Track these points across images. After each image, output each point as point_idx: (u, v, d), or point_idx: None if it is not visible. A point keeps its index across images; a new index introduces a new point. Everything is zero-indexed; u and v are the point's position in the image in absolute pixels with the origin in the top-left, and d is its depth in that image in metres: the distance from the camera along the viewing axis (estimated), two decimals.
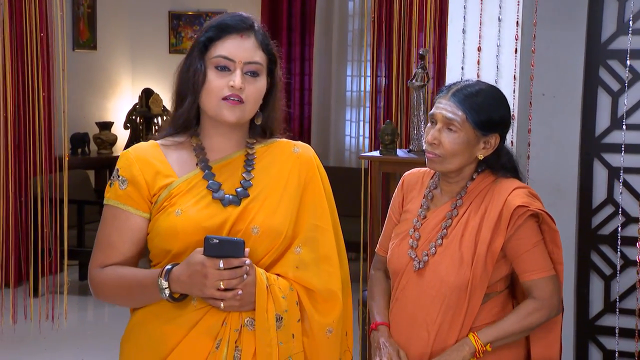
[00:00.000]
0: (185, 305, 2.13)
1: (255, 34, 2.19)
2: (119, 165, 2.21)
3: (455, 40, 3.20)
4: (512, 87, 3.14)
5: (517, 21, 3.10)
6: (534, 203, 2.57)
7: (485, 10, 3.14)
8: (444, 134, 2.56)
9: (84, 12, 8.40)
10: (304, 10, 8.17)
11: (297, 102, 8.25)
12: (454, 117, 2.54)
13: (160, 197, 2.16)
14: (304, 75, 8.24)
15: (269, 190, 2.20)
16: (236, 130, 2.23)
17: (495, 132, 2.59)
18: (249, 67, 2.16)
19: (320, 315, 2.20)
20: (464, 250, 2.55)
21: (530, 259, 2.55)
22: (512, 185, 2.60)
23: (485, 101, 2.56)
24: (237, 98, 2.14)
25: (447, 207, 2.63)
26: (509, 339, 2.56)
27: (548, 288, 2.57)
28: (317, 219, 2.25)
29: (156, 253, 2.19)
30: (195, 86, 2.16)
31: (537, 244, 2.57)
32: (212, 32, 2.17)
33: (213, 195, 2.17)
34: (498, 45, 3.13)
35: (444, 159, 2.57)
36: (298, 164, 2.27)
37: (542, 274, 2.56)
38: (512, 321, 2.56)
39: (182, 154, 2.22)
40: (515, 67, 3.12)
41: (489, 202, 2.58)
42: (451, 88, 2.59)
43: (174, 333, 2.12)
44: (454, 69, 3.18)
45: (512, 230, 2.53)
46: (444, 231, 2.60)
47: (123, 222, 2.17)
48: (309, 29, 8.17)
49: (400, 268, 2.64)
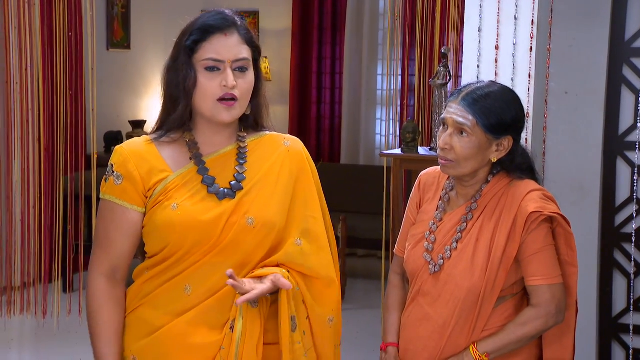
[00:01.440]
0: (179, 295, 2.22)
1: (238, 29, 2.25)
2: (113, 160, 2.29)
3: (471, 38, 3.24)
4: (527, 85, 3.18)
5: (532, 20, 3.13)
6: (547, 206, 2.56)
7: (502, 9, 3.18)
8: (455, 139, 2.56)
9: (118, 12, 8.52)
10: (335, 9, 8.23)
11: (327, 101, 8.32)
12: (464, 121, 2.54)
13: (155, 191, 2.24)
14: (334, 74, 8.30)
15: (262, 182, 2.28)
16: (229, 124, 2.30)
17: (508, 135, 2.59)
18: (237, 64, 2.23)
19: (320, 307, 2.28)
20: (479, 255, 2.56)
21: (534, 263, 2.55)
22: (527, 188, 2.59)
23: (495, 104, 2.55)
24: (232, 97, 2.22)
25: (463, 210, 2.64)
26: (508, 348, 2.57)
27: (545, 296, 2.55)
28: (309, 210, 2.33)
29: (152, 246, 2.27)
30: (187, 91, 2.23)
31: (543, 249, 2.56)
32: (196, 35, 2.23)
33: (208, 190, 2.24)
34: (514, 44, 3.17)
35: (457, 163, 2.58)
36: (289, 157, 2.35)
37: (542, 281, 2.55)
38: (509, 331, 2.56)
39: (175, 149, 2.30)
40: (530, 66, 3.15)
41: (503, 206, 2.58)
42: (462, 91, 2.59)
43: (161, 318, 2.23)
44: (470, 68, 3.23)
45: (526, 235, 2.54)
46: (459, 235, 2.61)
47: (119, 216, 2.26)
48: (339, 27, 8.24)
49: (417, 270, 2.67)
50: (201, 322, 2.20)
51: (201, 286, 2.21)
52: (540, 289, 2.56)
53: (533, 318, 2.56)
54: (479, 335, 2.58)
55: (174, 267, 2.23)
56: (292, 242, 2.27)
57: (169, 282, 2.23)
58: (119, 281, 2.30)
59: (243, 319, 2.19)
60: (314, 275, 2.28)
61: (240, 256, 2.23)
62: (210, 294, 2.21)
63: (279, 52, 8.56)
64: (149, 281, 2.26)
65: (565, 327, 2.64)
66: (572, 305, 2.65)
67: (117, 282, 2.29)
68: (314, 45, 8.28)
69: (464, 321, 2.58)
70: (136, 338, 2.26)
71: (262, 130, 2.39)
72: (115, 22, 8.50)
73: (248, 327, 2.20)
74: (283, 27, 8.53)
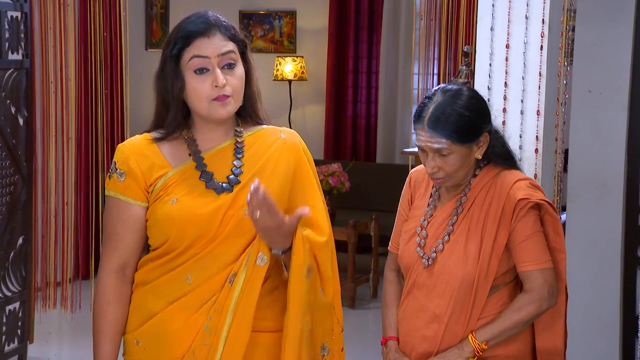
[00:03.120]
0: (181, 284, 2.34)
1: (219, 29, 2.35)
2: (116, 158, 2.41)
3: (483, 37, 3.32)
4: (538, 83, 3.25)
5: (542, 19, 3.21)
6: (535, 194, 2.67)
7: (513, 8, 3.26)
8: (439, 160, 2.66)
9: (157, 13, 8.71)
10: (371, 8, 8.33)
11: (363, 100, 8.41)
12: (440, 146, 2.63)
13: (156, 187, 2.37)
14: (370, 74, 8.40)
15: (259, 175, 2.38)
16: (224, 120, 2.42)
17: (483, 133, 2.69)
18: (223, 60, 2.33)
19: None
20: (470, 245, 2.67)
21: (524, 250, 2.65)
22: (514, 177, 2.70)
23: (458, 116, 2.63)
24: (225, 95, 2.33)
25: (453, 204, 2.74)
26: (505, 334, 2.65)
27: (538, 281, 2.64)
28: (310, 200, 2.43)
29: (154, 239, 2.40)
30: (176, 97, 2.35)
31: (532, 235, 2.65)
32: (180, 44, 2.34)
33: (206, 185, 2.36)
34: (525, 43, 3.24)
35: (449, 177, 2.69)
36: (285, 149, 2.45)
37: (532, 266, 2.64)
38: (505, 317, 2.65)
39: (175, 146, 2.42)
40: (540, 64, 3.23)
41: (492, 197, 2.69)
42: (422, 117, 2.66)
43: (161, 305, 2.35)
44: (483, 67, 3.31)
45: (515, 222, 2.64)
46: (451, 228, 2.72)
47: (124, 212, 2.39)
48: (376, 26, 8.33)
49: (411, 264, 2.77)
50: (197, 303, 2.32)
51: (201, 275, 2.33)
52: (532, 274, 2.65)
53: (527, 303, 2.65)
54: (475, 324, 2.67)
55: (176, 259, 2.35)
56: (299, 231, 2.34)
57: (171, 272, 2.35)
58: (128, 278, 2.42)
59: (245, 274, 2.30)
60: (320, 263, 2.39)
61: (240, 247, 2.34)
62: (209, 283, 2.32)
63: (315, 52, 8.68)
64: (152, 270, 2.39)
65: (555, 313, 2.73)
66: (562, 291, 2.74)
67: (126, 279, 2.42)
68: (351, 44, 8.38)
69: (459, 309, 2.67)
70: (139, 322, 2.39)
71: (258, 124, 2.50)
72: (154, 22, 8.69)
73: (249, 283, 2.29)
74: (320, 26, 8.64)
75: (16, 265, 4.57)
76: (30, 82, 4.67)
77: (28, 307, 4.75)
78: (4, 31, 4.40)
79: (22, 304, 4.65)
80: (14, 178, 4.54)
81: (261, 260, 2.32)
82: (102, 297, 2.41)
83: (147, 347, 2.37)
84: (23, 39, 4.57)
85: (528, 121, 3.29)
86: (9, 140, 4.46)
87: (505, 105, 3.31)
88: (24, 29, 4.58)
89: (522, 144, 3.30)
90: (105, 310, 2.40)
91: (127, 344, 2.43)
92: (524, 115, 3.29)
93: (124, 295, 2.41)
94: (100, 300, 2.41)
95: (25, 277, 4.66)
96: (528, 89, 3.28)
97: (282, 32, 8.79)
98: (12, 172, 4.52)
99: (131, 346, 2.41)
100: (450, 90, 2.69)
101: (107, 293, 2.40)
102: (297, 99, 8.71)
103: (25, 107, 4.61)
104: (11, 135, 4.48)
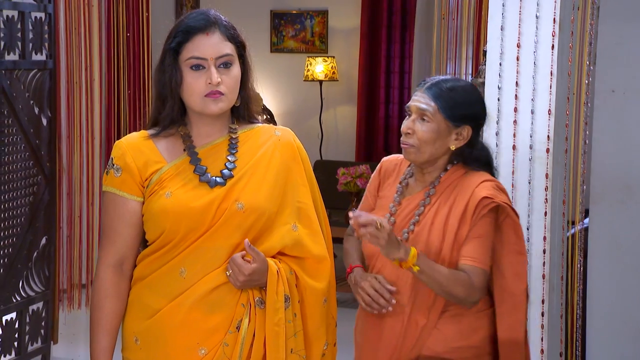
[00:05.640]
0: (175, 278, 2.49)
1: (219, 27, 2.49)
2: (113, 154, 2.57)
3: (494, 37, 3.44)
4: (549, 82, 3.36)
5: (554, 18, 3.31)
6: (499, 196, 2.81)
7: (523, 7, 3.37)
8: (417, 124, 2.84)
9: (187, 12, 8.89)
10: (404, 7, 8.41)
11: (396, 101, 8.51)
12: (426, 107, 2.82)
13: (151, 181, 2.52)
14: (403, 73, 8.48)
15: (252, 171, 2.53)
16: (220, 117, 2.56)
17: (467, 124, 2.85)
18: (221, 61, 2.48)
19: (315, 281, 2.54)
20: (433, 238, 2.81)
21: (471, 245, 2.78)
22: (481, 178, 2.86)
23: (457, 94, 2.84)
24: (217, 92, 2.48)
25: (421, 196, 2.89)
26: (431, 282, 2.74)
27: (478, 278, 2.77)
28: (299, 196, 2.58)
29: (150, 233, 2.54)
30: (174, 90, 2.50)
31: (483, 236, 2.79)
32: (180, 37, 2.48)
33: (200, 179, 2.51)
34: (535, 42, 3.35)
35: (417, 148, 2.84)
36: (280, 147, 2.59)
37: (474, 262, 2.77)
38: (444, 272, 2.74)
39: (170, 142, 2.57)
40: (552, 64, 3.34)
41: (457, 194, 2.84)
42: (427, 82, 2.89)
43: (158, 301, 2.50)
44: (493, 66, 3.43)
45: (476, 219, 2.79)
46: (416, 218, 2.86)
47: (121, 207, 2.54)
48: (409, 26, 8.40)
49: (375, 253, 2.89)
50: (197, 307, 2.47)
51: (194, 268, 2.48)
52: (476, 270, 2.77)
53: (466, 285, 2.75)
54: (437, 316, 2.82)
55: (170, 252, 2.50)
56: (289, 229, 2.52)
57: (166, 265, 2.50)
58: (125, 273, 2.57)
59: (249, 320, 2.47)
60: (308, 255, 2.54)
61: (232, 239, 2.48)
62: (202, 275, 2.47)
63: (347, 52, 8.80)
64: (149, 264, 2.53)
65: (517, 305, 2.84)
66: (524, 292, 2.87)
67: (124, 274, 2.56)
68: (383, 44, 8.48)
69: (420, 300, 2.82)
70: (138, 320, 2.54)
71: (253, 123, 2.64)
72: None
73: (255, 328, 2.46)
74: (352, 26, 8.76)
75: (39, 265, 4.75)
76: (54, 83, 4.86)
77: (51, 307, 4.92)
78: (27, 32, 4.59)
79: (45, 304, 4.83)
80: (37, 178, 4.72)
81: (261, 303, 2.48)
82: (100, 292, 2.55)
83: (144, 347, 2.52)
84: (47, 40, 4.76)
85: (539, 120, 3.39)
86: (32, 140, 4.65)
87: (516, 105, 3.42)
88: (48, 29, 4.77)
89: (532, 144, 3.40)
90: (103, 304, 2.54)
91: (126, 340, 2.58)
92: (535, 114, 3.40)
93: (122, 290, 2.56)
94: (97, 295, 2.55)
95: (48, 277, 4.84)
96: (539, 88, 3.38)
97: (313, 32, 8.93)
98: (35, 172, 4.71)
99: (129, 343, 2.56)
100: (465, 80, 2.95)
101: (104, 287, 2.54)
102: (328, 100, 8.84)
103: (49, 107, 4.80)
104: (34, 135, 4.67)
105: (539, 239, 3.62)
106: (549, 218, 3.60)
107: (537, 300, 3.65)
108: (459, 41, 5.58)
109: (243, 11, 9.12)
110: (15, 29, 4.51)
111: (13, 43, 4.51)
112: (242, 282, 2.44)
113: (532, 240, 3.62)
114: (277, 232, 2.52)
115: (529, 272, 3.55)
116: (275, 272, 2.47)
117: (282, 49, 9.00)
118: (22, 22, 4.55)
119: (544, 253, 3.63)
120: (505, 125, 3.56)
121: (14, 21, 4.50)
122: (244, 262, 2.43)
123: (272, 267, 2.47)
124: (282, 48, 9.00)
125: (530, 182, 3.55)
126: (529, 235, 3.60)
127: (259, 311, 2.48)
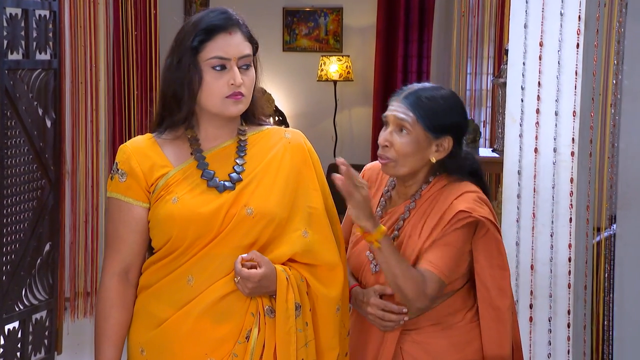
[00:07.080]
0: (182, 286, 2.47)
1: (240, 27, 2.49)
2: (117, 159, 2.54)
3: (516, 35, 3.40)
4: (574, 82, 3.32)
5: (579, 15, 3.27)
6: (478, 209, 2.72)
7: (547, 5, 3.33)
8: (395, 136, 2.74)
9: (197, 10, 8.88)
10: (422, 4, 8.36)
11: None
12: (405, 117, 2.72)
13: (157, 186, 2.49)
14: (421, 73, 8.44)
15: (262, 174, 2.51)
16: (232, 119, 2.54)
17: (448, 135, 2.77)
18: (242, 62, 2.47)
19: (327, 289, 2.52)
20: (409, 252, 2.75)
21: (437, 251, 2.70)
22: (462, 189, 2.78)
23: (436, 104, 2.74)
24: (239, 94, 2.46)
25: (401, 209, 2.82)
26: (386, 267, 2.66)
27: (432, 285, 2.68)
28: (310, 201, 2.55)
29: (157, 240, 2.52)
30: (192, 91, 2.46)
31: (451, 245, 2.71)
32: (201, 35, 2.45)
33: (208, 184, 2.48)
34: (559, 41, 3.31)
35: (396, 162, 2.75)
36: (290, 149, 2.57)
37: (435, 270, 2.69)
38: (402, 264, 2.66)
39: (177, 145, 2.54)
40: (577, 63, 3.29)
41: (435, 204, 2.76)
42: (404, 90, 2.81)
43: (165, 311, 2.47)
44: (516, 65, 3.38)
45: (448, 228, 2.70)
46: (396, 232, 2.80)
47: (126, 213, 2.51)
48: (427, 24, 8.36)
49: (359, 268, 2.85)
50: (205, 316, 2.44)
51: (202, 276, 2.45)
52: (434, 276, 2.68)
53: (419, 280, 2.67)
54: (424, 329, 2.78)
55: (177, 260, 2.47)
56: (300, 235, 2.50)
57: (173, 273, 2.47)
58: (131, 282, 2.55)
59: (259, 329, 2.44)
60: (319, 262, 2.52)
61: (241, 246, 2.46)
62: (210, 283, 2.45)
63: (362, 51, 8.76)
64: (155, 272, 2.51)
65: (502, 321, 2.80)
66: (509, 307, 2.82)
67: (129, 283, 2.54)
68: (400, 43, 8.43)
69: None
70: (144, 330, 2.51)
71: (262, 124, 2.62)
72: None
73: (265, 338, 2.44)
74: (367, 24, 8.72)
75: (43, 272, 4.74)
76: (58, 83, 4.84)
77: (55, 317, 4.91)
78: (31, 30, 4.57)
79: (49, 312, 4.82)
80: (41, 182, 4.71)
81: (271, 312, 2.46)
82: (105, 301, 2.53)
83: (150, 358, 2.50)
84: (51, 39, 4.74)
85: (563, 123, 3.35)
86: (36, 142, 4.63)
87: (538, 106, 3.38)
88: (53, 28, 4.74)
89: (556, 147, 3.36)
90: (108, 314, 2.52)
91: (131, 351, 2.55)
92: (559, 116, 3.35)
93: (128, 299, 2.53)
94: (103, 304, 2.53)
95: (52, 285, 4.82)
96: (563, 88, 3.34)
97: (327, 30, 8.89)
98: (39, 176, 4.69)
99: (135, 354, 2.54)
100: (446, 88, 2.86)
101: (110, 297, 2.52)
102: (343, 101, 8.80)
103: (53, 108, 4.78)
104: (38, 138, 4.65)
105: (564, 246, 3.57)
106: (574, 224, 3.55)
107: (562, 310, 3.61)
108: (480, 40, 5.54)
109: (254, 8, 9.10)
110: (19, 27, 4.50)
111: (16, 42, 4.49)
112: (251, 288, 2.42)
113: (556, 248, 3.57)
114: (288, 239, 2.50)
115: (553, 281, 3.50)
116: (284, 279, 2.45)
117: (294, 48, 8.96)
118: (25, 20, 4.53)
119: (569, 261, 3.58)
120: (527, 127, 3.51)
121: (18, 19, 4.49)
122: (249, 272, 2.41)
123: (281, 274, 2.45)
124: (295, 47, 8.97)
125: (554, 187, 3.51)
126: (553, 243, 3.56)
127: (268, 320, 2.45)
